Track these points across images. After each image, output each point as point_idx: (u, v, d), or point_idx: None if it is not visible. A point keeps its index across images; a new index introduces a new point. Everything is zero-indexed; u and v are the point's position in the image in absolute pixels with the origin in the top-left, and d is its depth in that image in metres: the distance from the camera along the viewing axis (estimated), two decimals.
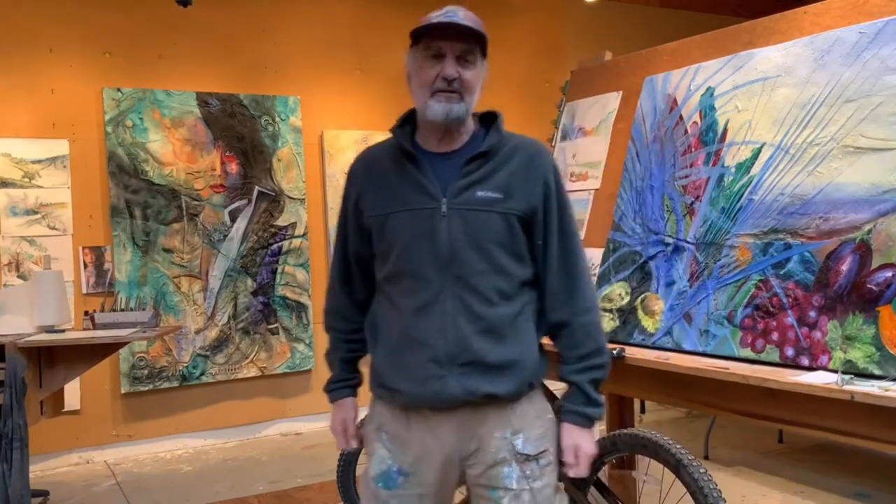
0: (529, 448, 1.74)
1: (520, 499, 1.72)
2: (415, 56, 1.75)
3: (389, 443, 1.78)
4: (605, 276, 3.12)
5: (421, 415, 1.74)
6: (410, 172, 1.75)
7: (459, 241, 1.70)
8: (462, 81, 1.72)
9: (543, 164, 1.80)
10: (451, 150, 1.78)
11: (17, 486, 3.35)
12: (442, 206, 1.71)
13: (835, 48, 2.55)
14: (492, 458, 1.73)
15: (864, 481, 4.00)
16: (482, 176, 1.74)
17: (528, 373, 1.76)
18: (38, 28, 4.86)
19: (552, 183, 1.79)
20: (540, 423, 1.79)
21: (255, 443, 5.22)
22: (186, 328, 5.11)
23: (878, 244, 2.27)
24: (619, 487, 3.24)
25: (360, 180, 1.83)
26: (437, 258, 1.70)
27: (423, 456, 1.75)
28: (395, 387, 1.74)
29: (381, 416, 1.81)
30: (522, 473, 1.73)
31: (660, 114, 3.11)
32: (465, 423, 1.73)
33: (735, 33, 2.95)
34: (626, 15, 6.93)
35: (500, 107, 1.97)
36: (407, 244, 1.73)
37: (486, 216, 1.71)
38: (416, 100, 1.76)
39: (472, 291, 1.70)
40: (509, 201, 1.73)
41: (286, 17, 5.54)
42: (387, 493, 1.76)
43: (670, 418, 5.37)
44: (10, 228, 4.74)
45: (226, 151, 5.27)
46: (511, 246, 1.74)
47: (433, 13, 1.73)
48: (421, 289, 1.71)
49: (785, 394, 2.29)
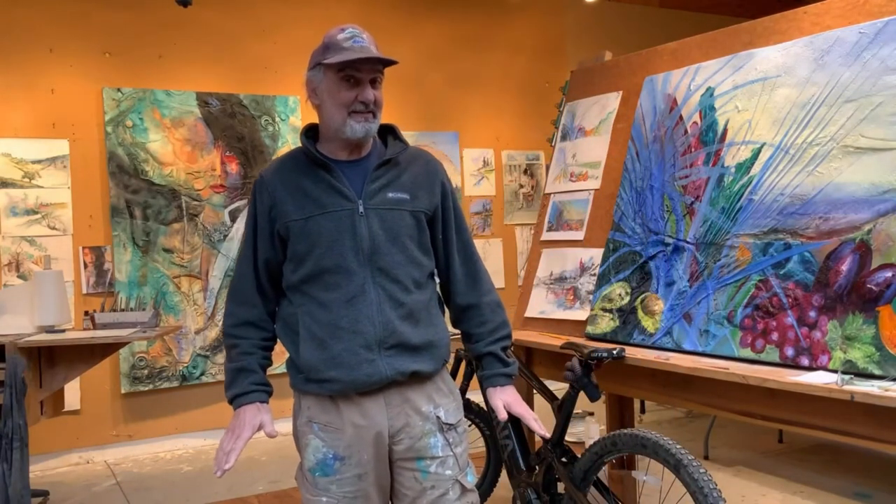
0: (451, 418, 1.98)
1: (445, 464, 1.94)
2: (326, 78, 1.91)
3: (322, 432, 1.92)
4: (605, 276, 3.12)
5: (350, 400, 1.90)
6: (324, 179, 1.93)
7: (379, 236, 1.90)
8: (376, 103, 1.92)
9: (438, 170, 2.06)
10: (359, 157, 1.98)
11: (17, 486, 3.35)
12: (359, 207, 1.91)
13: (835, 48, 2.55)
14: (419, 430, 1.93)
15: (864, 481, 4.00)
16: (390, 179, 1.96)
17: (444, 351, 2.00)
18: (38, 28, 4.86)
19: (447, 185, 2.06)
20: (454, 395, 2.04)
21: (255, 443, 5.22)
22: (186, 328, 5.11)
23: (878, 244, 2.27)
24: (619, 487, 3.24)
25: (273, 190, 1.96)
26: (360, 253, 1.89)
27: (356, 438, 1.89)
28: (325, 377, 1.88)
29: (309, 409, 1.95)
30: (446, 441, 1.95)
31: (660, 114, 3.11)
32: (392, 401, 1.91)
33: (735, 33, 2.95)
34: (626, 15, 6.93)
35: (501, 107, 2.04)
36: (330, 243, 1.89)
37: (399, 214, 1.94)
38: (331, 117, 1.92)
39: (393, 281, 1.91)
40: (415, 201, 1.97)
41: (286, 18, 5.55)
42: (325, 480, 1.90)
43: (670, 418, 5.37)
44: (10, 228, 4.74)
45: (226, 151, 5.27)
46: (419, 240, 1.97)
47: (338, 35, 1.91)
48: (346, 282, 1.89)
49: (785, 394, 2.29)
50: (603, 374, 2.76)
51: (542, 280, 3.47)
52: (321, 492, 1.91)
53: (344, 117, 1.90)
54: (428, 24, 6.08)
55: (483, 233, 6.30)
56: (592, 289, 3.17)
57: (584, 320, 3.13)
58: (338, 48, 1.88)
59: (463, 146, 6.22)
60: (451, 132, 6.15)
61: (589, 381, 2.64)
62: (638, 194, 3.10)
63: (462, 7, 6.24)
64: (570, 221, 3.44)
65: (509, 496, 3.08)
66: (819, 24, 2.65)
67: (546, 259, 3.49)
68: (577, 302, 3.25)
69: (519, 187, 6.47)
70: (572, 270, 3.34)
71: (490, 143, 6.35)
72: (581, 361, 2.65)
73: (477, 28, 6.30)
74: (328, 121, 1.94)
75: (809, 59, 2.62)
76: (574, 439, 4.62)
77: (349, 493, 1.90)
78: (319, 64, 1.92)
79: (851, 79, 2.46)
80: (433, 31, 6.09)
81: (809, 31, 2.67)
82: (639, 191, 3.10)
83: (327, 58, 1.88)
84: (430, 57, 6.08)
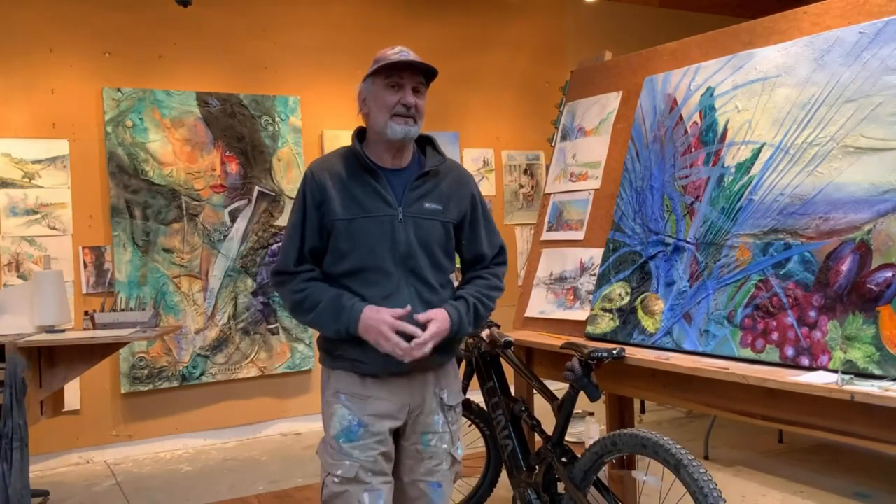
0: (452, 400, 2.26)
1: (443, 438, 2.22)
2: (374, 85, 2.14)
3: (349, 401, 2.13)
4: (605, 276, 3.12)
5: (378, 379, 2.14)
6: (371, 184, 2.14)
7: (413, 242, 2.13)
8: (416, 108, 2.13)
9: (470, 182, 2.30)
10: (401, 166, 2.19)
11: (17, 486, 3.35)
12: (399, 214, 2.13)
13: (835, 48, 2.55)
14: (429, 409, 2.20)
15: (864, 481, 4.00)
16: (427, 190, 2.18)
17: (455, 344, 2.27)
18: (38, 28, 4.86)
19: (476, 196, 2.30)
20: (456, 381, 2.32)
21: (255, 443, 5.22)
22: (186, 328, 5.11)
23: (878, 244, 2.27)
24: (619, 487, 3.24)
25: (323, 186, 2.14)
26: (396, 255, 2.11)
27: (379, 410, 2.13)
28: (359, 358, 2.11)
29: (338, 382, 2.16)
30: (446, 419, 2.23)
31: (660, 114, 3.11)
32: (413, 383, 2.17)
33: (735, 33, 2.95)
34: (626, 15, 6.93)
35: (501, 107, 2.08)
36: (371, 244, 2.10)
37: (432, 223, 2.17)
38: (376, 120, 2.14)
39: (422, 282, 2.15)
40: (447, 212, 2.20)
41: (286, 18, 5.54)
42: (349, 445, 2.10)
43: (670, 418, 5.37)
44: (10, 228, 4.74)
45: (226, 151, 5.27)
46: (446, 247, 2.21)
47: (389, 51, 2.13)
48: (384, 280, 2.11)
49: (785, 394, 2.29)
50: (603, 374, 2.76)
51: (542, 280, 3.47)
52: (344, 456, 2.09)
53: (386, 119, 2.11)
54: (428, 24, 6.08)
55: None
56: (592, 289, 3.17)
57: (584, 320, 3.13)
58: (385, 60, 2.11)
59: (463, 146, 6.21)
60: (451, 132, 6.15)
61: (589, 381, 2.64)
62: (638, 194, 3.10)
63: (462, 7, 6.23)
64: (570, 221, 3.44)
65: (509, 496, 3.08)
66: (819, 24, 2.65)
67: (546, 259, 3.49)
68: (577, 302, 3.25)
69: (519, 187, 6.47)
70: (572, 270, 3.34)
71: (490, 143, 6.35)
72: (581, 361, 2.66)
73: (477, 28, 6.29)
74: (374, 125, 2.15)
75: (809, 59, 2.62)
76: (574, 439, 4.62)
77: (370, 457, 2.09)
78: (370, 75, 2.13)
79: (851, 79, 2.46)
80: (433, 31, 6.09)
81: (809, 31, 2.67)
82: (639, 191, 3.10)
83: (374, 68, 2.11)
84: (430, 57, 5.96)
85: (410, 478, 2.20)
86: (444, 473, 2.22)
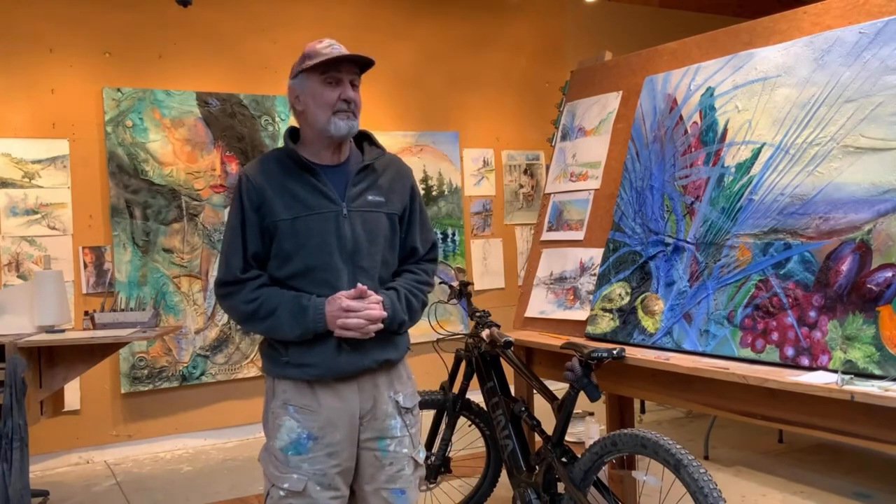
0: (408, 402, 2.18)
1: (402, 443, 2.14)
2: (310, 81, 2.08)
3: (297, 413, 2.05)
4: (605, 276, 3.12)
5: (327, 385, 2.06)
6: (310, 182, 2.09)
7: (360, 236, 2.08)
8: (356, 103, 2.09)
9: (410, 175, 2.27)
10: (340, 162, 2.14)
11: (17, 485, 3.35)
12: (343, 209, 2.08)
13: (835, 48, 2.55)
14: (383, 413, 2.12)
15: (864, 481, 4.00)
16: (369, 184, 2.14)
17: (406, 341, 2.21)
18: (38, 28, 4.86)
19: (415, 189, 2.27)
20: (411, 382, 2.24)
21: (255, 443, 5.22)
22: (186, 328, 5.11)
23: (878, 244, 2.27)
24: (618, 487, 3.24)
25: (261, 188, 2.07)
26: (343, 252, 2.07)
27: (331, 419, 2.05)
28: (306, 362, 2.04)
29: (285, 392, 2.08)
30: (404, 423, 2.15)
31: (660, 114, 3.11)
32: (363, 386, 2.09)
33: (735, 33, 2.95)
34: (626, 15, 6.93)
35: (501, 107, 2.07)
36: (317, 242, 2.05)
37: (377, 216, 2.13)
38: (315, 118, 2.08)
39: (370, 277, 2.10)
40: (389, 204, 2.16)
41: (286, 18, 5.54)
42: (298, 458, 2.03)
43: (670, 418, 5.37)
44: (10, 228, 4.74)
45: (226, 151, 5.27)
46: (392, 240, 2.17)
47: (317, 45, 2.08)
48: (334, 279, 2.05)
49: (785, 394, 2.29)
50: (603, 374, 2.76)
51: (542, 280, 3.47)
52: (292, 469, 2.02)
53: (328, 116, 2.06)
54: (428, 24, 6.08)
55: (483, 233, 6.30)
56: (592, 289, 3.17)
57: (584, 320, 3.13)
58: (318, 55, 2.06)
59: (463, 146, 6.21)
60: (451, 132, 6.15)
61: (589, 381, 2.64)
62: (638, 194, 3.10)
63: (462, 7, 6.23)
64: (570, 221, 3.44)
65: (509, 496, 3.08)
66: (819, 24, 2.65)
67: (546, 259, 3.49)
68: (577, 302, 3.25)
69: (519, 187, 6.47)
70: (572, 270, 3.34)
71: (490, 143, 6.35)
72: (581, 361, 2.66)
73: (477, 28, 6.29)
74: (312, 123, 2.09)
75: (809, 59, 2.62)
76: (574, 439, 4.62)
77: (319, 470, 2.02)
78: (302, 71, 2.08)
79: (851, 79, 2.46)
80: (433, 31, 6.09)
81: (809, 31, 2.67)
82: (639, 191, 3.10)
83: (309, 64, 2.05)
84: (430, 57, 6.08)
85: (372, 486, 2.11)
86: (408, 479, 2.14)
